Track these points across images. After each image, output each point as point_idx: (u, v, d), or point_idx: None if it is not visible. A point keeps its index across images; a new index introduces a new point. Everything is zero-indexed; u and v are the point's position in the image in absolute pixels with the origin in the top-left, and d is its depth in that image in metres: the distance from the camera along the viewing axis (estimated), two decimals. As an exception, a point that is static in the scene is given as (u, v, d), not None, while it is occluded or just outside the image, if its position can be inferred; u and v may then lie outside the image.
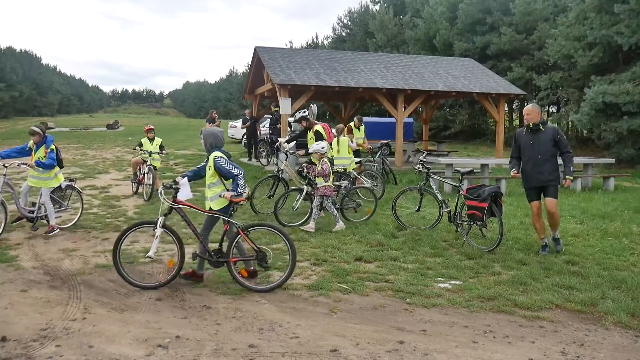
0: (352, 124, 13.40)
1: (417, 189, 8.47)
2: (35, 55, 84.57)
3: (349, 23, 50.48)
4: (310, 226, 8.07)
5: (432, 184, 8.49)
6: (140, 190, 11.10)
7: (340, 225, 8.19)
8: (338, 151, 10.57)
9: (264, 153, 17.51)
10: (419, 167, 8.63)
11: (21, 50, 79.45)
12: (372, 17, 42.75)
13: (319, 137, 9.27)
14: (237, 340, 4.32)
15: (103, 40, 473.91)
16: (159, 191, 5.87)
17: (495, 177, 12.43)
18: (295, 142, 10.82)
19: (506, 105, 16.81)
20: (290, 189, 9.13)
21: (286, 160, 9.55)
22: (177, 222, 7.45)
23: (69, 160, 18.53)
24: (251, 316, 4.85)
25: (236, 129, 26.08)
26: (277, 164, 9.65)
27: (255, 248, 5.64)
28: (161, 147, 11.63)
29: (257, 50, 18.20)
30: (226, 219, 5.66)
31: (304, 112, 9.54)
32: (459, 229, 7.52)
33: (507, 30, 27.64)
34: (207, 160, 5.78)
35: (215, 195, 5.70)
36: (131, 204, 10.25)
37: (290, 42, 74.54)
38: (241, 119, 21.89)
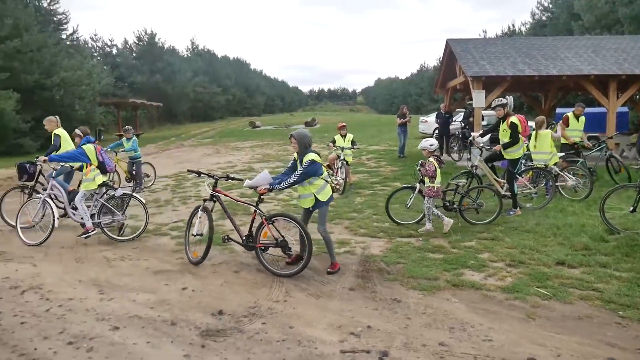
0: (570, 113, 11.72)
1: (636, 187, 7.44)
2: (245, 61, 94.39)
3: (550, 6, 46.38)
4: (427, 228, 7.70)
5: (653, 182, 7.40)
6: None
7: (428, 227, 7.70)
8: (535, 146, 9.83)
9: (455, 148, 17.07)
10: (639, 163, 7.56)
11: (234, 58, 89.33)
12: (578, -3, 38.70)
13: (514, 129, 8.68)
14: (427, 337, 4.30)
15: (301, 44, 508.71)
16: (206, 182, 6.62)
17: None
18: (489, 136, 10.32)
19: None
20: (402, 187, 8.79)
21: (480, 155, 9.16)
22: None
23: (273, 155, 20.28)
24: (442, 314, 4.78)
25: (427, 123, 25.87)
26: (469, 159, 9.29)
27: (276, 236, 5.95)
28: (353, 142, 12.10)
29: (448, 43, 17.78)
30: (254, 208, 6.14)
31: (502, 99, 8.94)
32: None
33: None
34: (301, 162, 5.97)
35: (308, 194, 5.99)
36: (326, 197, 10.81)
37: (484, 31, 71.30)
38: (435, 113, 21.65)
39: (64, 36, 34.10)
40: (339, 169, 11.27)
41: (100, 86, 32.28)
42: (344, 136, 12.06)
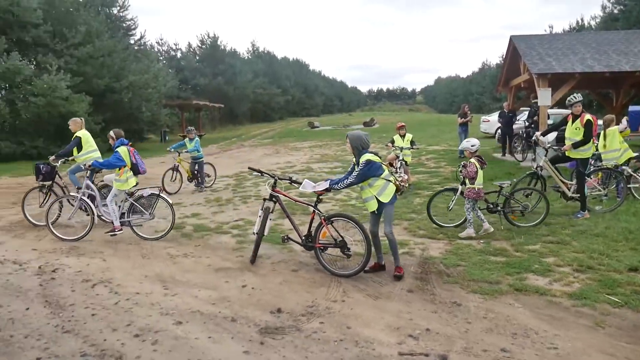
0: None
1: None
2: (304, 62, 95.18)
3: (624, -2, 44.02)
4: (469, 231, 7.46)
5: None
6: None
7: (469, 231, 7.44)
8: (605, 146, 9.37)
9: (519, 148, 16.54)
10: None
11: (293, 59, 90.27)
12: (655, -12, 36.53)
13: (588, 127, 8.28)
14: (488, 342, 4.19)
15: (360, 44, 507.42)
16: (267, 182, 6.71)
17: None
18: (556, 135, 9.92)
19: None
20: (444, 188, 8.51)
21: (546, 155, 8.82)
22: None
23: (331, 155, 20.34)
24: (504, 319, 4.64)
25: (489, 123, 25.22)
26: (534, 160, 8.96)
27: (335, 236, 5.96)
28: (412, 142, 11.97)
29: (512, 40, 17.25)
30: (313, 208, 6.16)
31: (578, 96, 8.53)
32: None
33: None
34: (358, 164, 5.85)
35: (370, 197, 5.86)
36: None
37: (550, 27, 68.27)
38: (497, 112, 21.07)
39: (132, 41, 35.58)
40: (398, 169, 11.17)
41: (166, 89, 33.45)
42: (403, 136, 11.96)
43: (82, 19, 25.79)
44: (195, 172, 12.61)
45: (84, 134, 9.47)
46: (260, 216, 6.49)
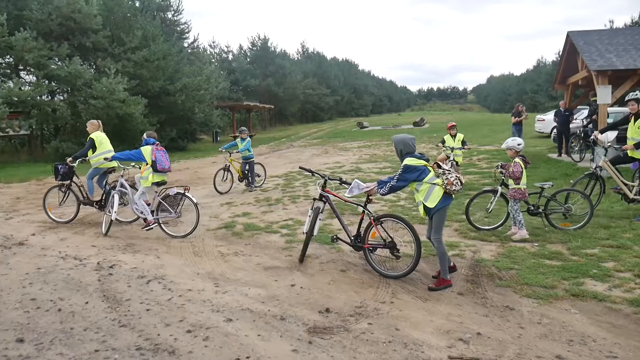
0: None
1: None
2: (354, 62, 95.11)
3: (692, -11, 41.67)
4: (522, 233, 7.19)
5: None
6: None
7: (522, 233, 7.16)
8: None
9: (576, 148, 15.94)
10: None
11: (343, 59, 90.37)
12: None
13: None
14: (542, 348, 4.06)
15: (410, 43, 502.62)
16: (317, 182, 6.72)
17: None
18: (616, 135, 9.50)
19: None
20: (483, 190, 8.21)
21: (605, 155, 8.46)
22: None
23: (380, 156, 20.21)
24: (559, 325, 4.48)
25: (544, 122, 24.43)
26: (592, 160, 8.61)
27: (384, 237, 5.94)
28: (463, 142, 11.76)
29: (569, 36, 16.63)
30: (362, 208, 6.14)
31: (638, 93, 8.12)
32: None
33: None
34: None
35: (419, 202, 5.76)
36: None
37: (611, 22, 65.60)
38: (553, 111, 20.41)
39: (185, 44, 36.56)
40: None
41: (217, 90, 34.15)
42: (453, 136, 11.76)
43: (139, 24, 26.69)
44: (246, 171, 12.80)
45: (97, 136, 9.88)
46: (309, 216, 6.52)
